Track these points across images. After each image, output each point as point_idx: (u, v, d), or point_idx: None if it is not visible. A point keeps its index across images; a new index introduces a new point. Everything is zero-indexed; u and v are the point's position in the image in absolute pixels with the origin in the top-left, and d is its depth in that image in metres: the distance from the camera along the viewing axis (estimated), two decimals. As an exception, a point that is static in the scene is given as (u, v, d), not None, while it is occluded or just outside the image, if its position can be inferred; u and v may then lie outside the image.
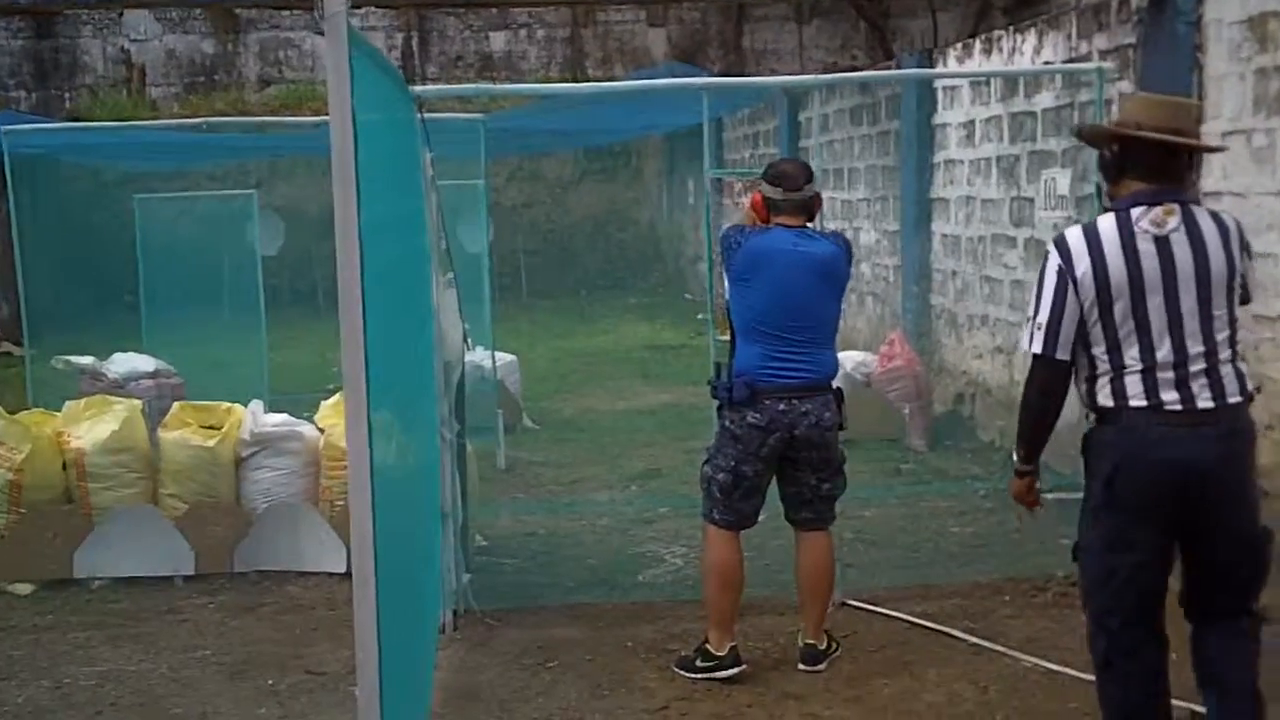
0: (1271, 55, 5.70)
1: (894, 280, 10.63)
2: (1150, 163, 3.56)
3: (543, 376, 12.47)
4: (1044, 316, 3.52)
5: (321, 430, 6.53)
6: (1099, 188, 3.95)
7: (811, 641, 5.02)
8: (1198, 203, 3.69)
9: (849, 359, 9.18)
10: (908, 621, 5.47)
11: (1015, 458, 3.82)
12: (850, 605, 5.65)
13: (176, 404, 6.85)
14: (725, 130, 17.08)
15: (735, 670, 4.91)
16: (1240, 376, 3.53)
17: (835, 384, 5.03)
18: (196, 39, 21.33)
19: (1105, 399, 3.52)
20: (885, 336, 9.75)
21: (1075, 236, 3.55)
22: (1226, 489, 3.52)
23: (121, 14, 20.67)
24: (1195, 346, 3.48)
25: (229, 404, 6.70)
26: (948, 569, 6.27)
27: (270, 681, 5.09)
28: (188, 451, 6.41)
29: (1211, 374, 3.48)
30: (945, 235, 9.62)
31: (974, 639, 5.24)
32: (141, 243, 11.43)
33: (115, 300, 12.90)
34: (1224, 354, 3.50)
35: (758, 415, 4.84)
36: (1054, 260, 3.54)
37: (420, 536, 4.50)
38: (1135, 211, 3.52)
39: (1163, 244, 3.49)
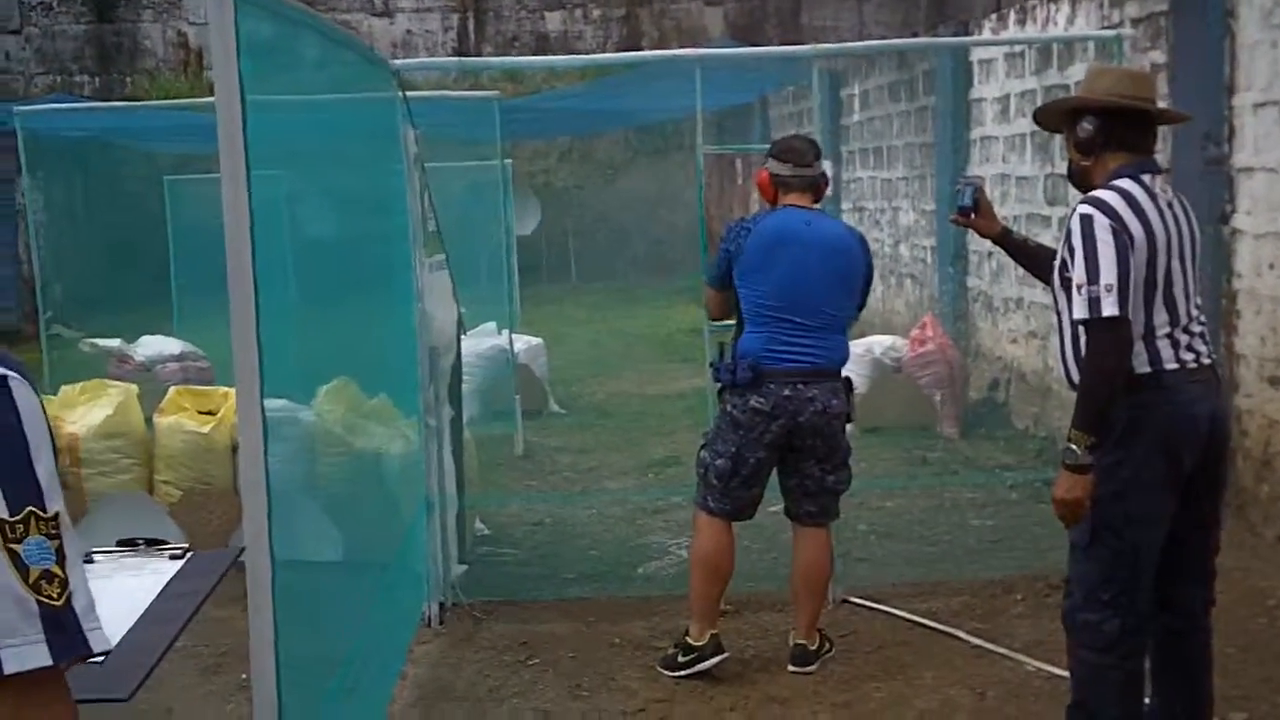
0: (1306, 20, 5.35)
1: (931, 262, 10.30)
2: (1136, 134, 3.51)
3: (580, 360, 12.29)
4: (1111, 277, 3.31)
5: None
6: None
7: (803, 642, 4.79)
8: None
9: (879, 343, 8.90)
10: (910, 620, 5.21)
11: (1076, 450, 3.35)
12: (851, 602, 5.40)
13: (173, 389, 6.74)
14: (770, 108, 16.73)
15: (717, 660, 4.69)
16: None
17: (845, 373, 4.78)
18: (254, 22, 21.41)
19: (1142, 365, 3.42)
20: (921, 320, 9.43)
21: (1113, 198, 3.40)
22: (1228, 438, 3.72)
23: (181, -3, 20.80)
24: (1193, 309, 3.52)
25: (226, 389, 6.58)
26: (961, 564, 5.98)
27: (244, 676, 4.91)
28: (182, 437, 6.30)
29: (1204, 334, 3.56)
30: (982, 215, 9.28)
31: (977, 640, 4.96)
32: (173, 225, 11.41)
33: (151, 283, 12.92)
34: (1202, 316, 3.58)
35: (761, 400, 4.60)
36: (1103, 221, 3.35)
37: (381, 526, 4.33)
38: (1145, 178, 3.45)
39: (1170, 209, 3.47)
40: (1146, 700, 3.68)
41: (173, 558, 2.34)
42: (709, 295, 4.90)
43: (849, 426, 4.84)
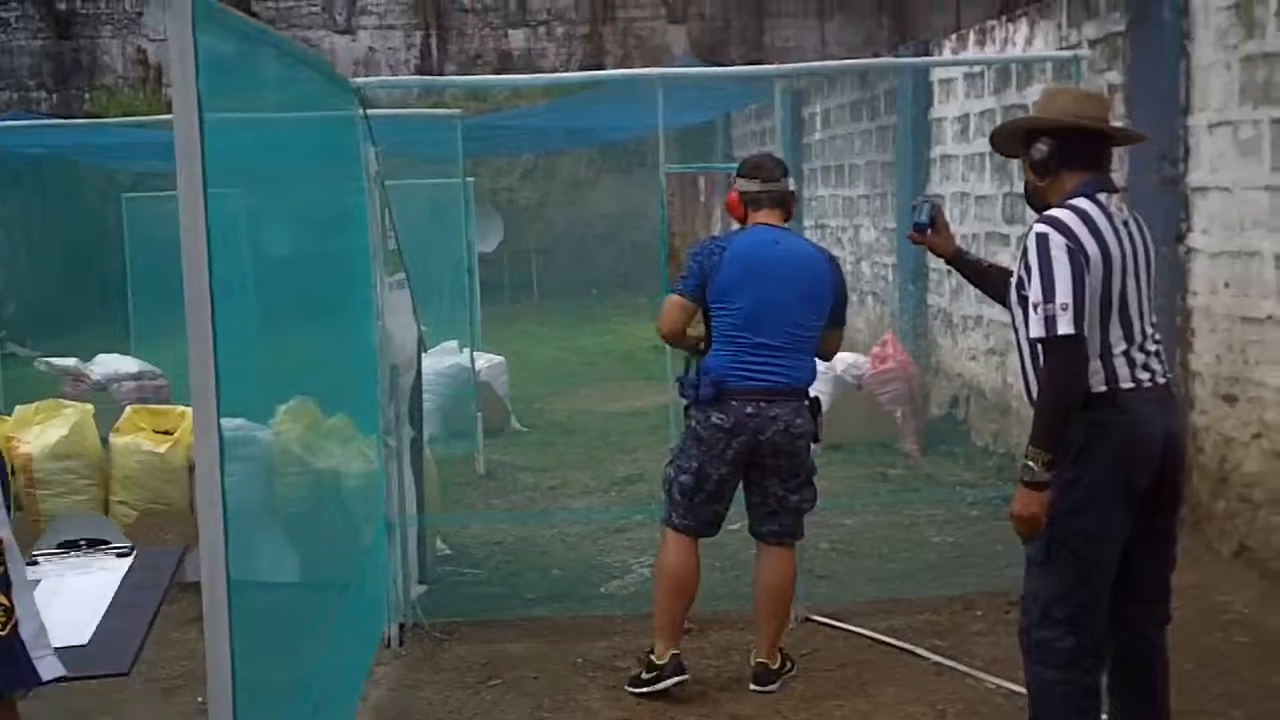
0: (1258, 42, 5.42)
1: (892, 279, 10.36)
2: (1091, 154, 3.55)
3: (542, 377, 12.26)
4: (1067, 296, 3.34)
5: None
6: None
7: (764, 660, 4.78)
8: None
9: (840, 360, 8.91)
10: (871, 638, 5.21)
11: (1033, 466, 3.37)
12: (813, 620, 5.40)
13: (130, 408, 6.66)
14: (734, 127, 16.81)
15: (677, 679, 4.68)
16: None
17: (813, 393, 4.79)
18: (214, 39, 21.27)
19: (1098, 384, 3.44)
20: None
21: (1069, 217, 3.43)
22: (1184, 457, 3.77)
23: (140, 13, 20.67)
24: (1148, 327, 3.55)
25: (183, 408, 6.50)
26: (922, 582, 6.00)
27: (200, 699, 4.86)
28: (139, 457, 6.21)
29: (1159, 352, 3.58)
30: (941, 233, 9.35)
31: (938, 658, 4.98)
32: (130, 243, 11.31)
33: (108, 302, 12.79)
34: (1158, 335, 3.60)
35: (723, 416, 4.61)
36: (1059, 240, 3.38)
37: (340, 547, 4.30)
38: (1101, 197, 3.49)
39: (1125, 228, 3.51)
40: (1104, 716, 3.70)
41: (119, 555, 2.31)
42: (674, 306, 4.72)
43: (814, 446, 4.84)
